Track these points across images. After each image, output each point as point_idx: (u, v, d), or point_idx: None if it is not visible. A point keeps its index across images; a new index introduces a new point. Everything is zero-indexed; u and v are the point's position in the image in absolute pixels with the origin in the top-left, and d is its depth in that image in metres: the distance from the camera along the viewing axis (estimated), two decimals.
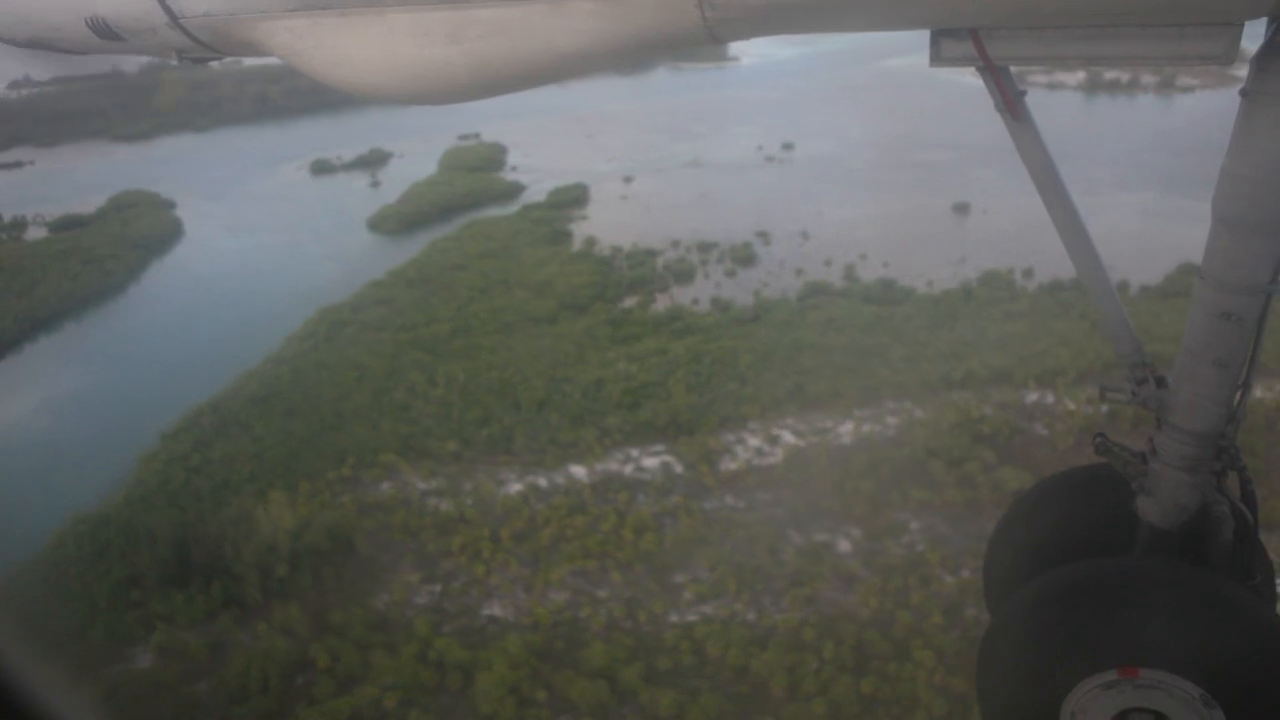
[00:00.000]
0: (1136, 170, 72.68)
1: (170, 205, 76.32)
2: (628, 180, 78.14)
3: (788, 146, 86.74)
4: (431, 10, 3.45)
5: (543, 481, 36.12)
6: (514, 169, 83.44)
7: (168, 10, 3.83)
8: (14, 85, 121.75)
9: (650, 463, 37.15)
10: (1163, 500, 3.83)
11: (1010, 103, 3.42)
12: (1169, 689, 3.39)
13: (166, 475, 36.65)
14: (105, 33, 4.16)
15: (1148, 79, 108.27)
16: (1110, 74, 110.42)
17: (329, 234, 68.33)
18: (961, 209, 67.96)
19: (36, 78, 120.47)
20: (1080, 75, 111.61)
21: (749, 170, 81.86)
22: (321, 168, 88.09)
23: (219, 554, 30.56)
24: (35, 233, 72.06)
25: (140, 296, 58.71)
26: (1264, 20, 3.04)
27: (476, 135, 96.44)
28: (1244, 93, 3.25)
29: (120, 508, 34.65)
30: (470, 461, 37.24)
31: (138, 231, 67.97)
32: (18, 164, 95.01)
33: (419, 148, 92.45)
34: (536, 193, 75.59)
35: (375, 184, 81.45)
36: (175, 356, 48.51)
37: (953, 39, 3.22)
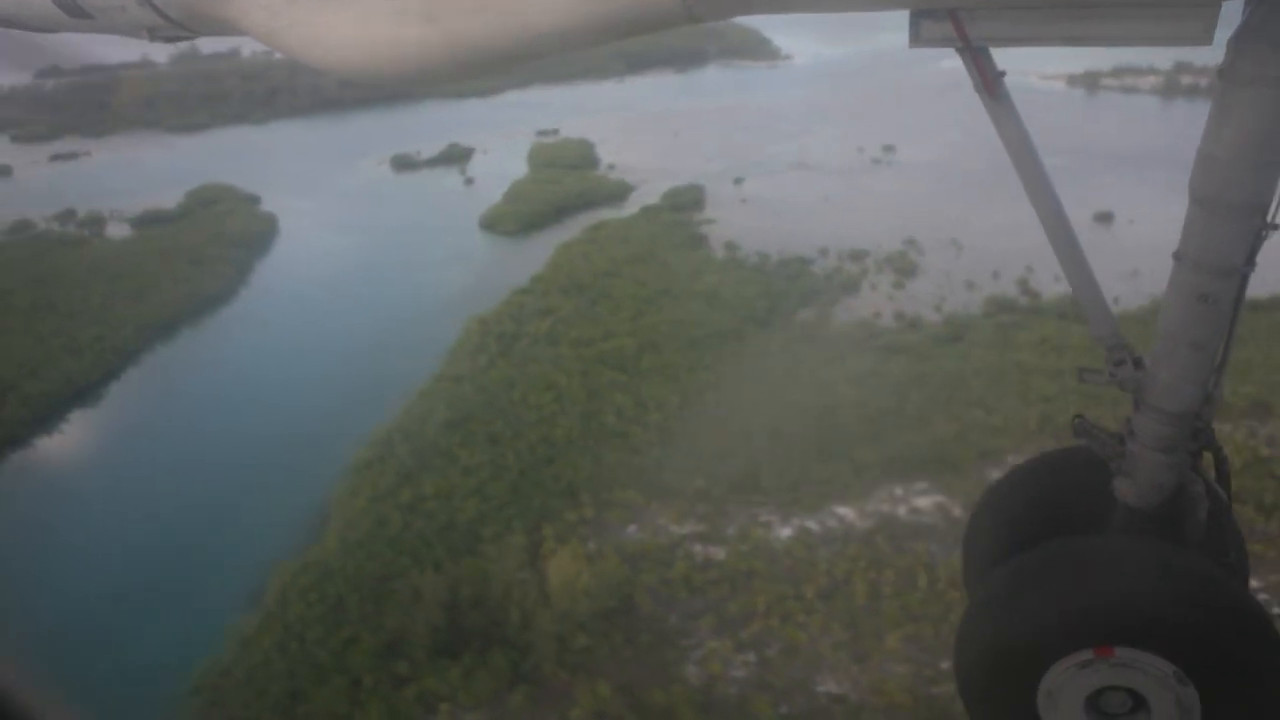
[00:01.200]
0: None
1: (254, 200, 70.97)
2: (738, 182, 73.47)
3: (888, 149, 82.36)
4: None
5: (812, 525, 31.55)
6: (611, 168, 78.53)
7: None
8: (41, 74, 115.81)
9: (922, 503, 32.69)
10: (1139, 481, 3.86)
11: (989, 83, 3.36)
12: (1143, 667, 3.38)
13: (378, 515, 31.71)
14: (74, 10, 4.05)
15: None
16: (1188, 78, 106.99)
17: (440, 234, 63.26)
18: (1104, 218, 63.82)
19: (65, 66, 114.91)
20: (1155, 79, 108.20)
21: (858, 174, 77.47)
22: (403, 163, 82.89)
23: (496, 618, 25.77)
24: (116, 229, 66.51)
25: (256, 299, 53.42)
26: (1240, 1, 3.05)
27: (555, 131, 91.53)
28: (1220, 74, 3.23)
29: (339, 555, 29.76)
30: (719, 500, 32.56)
31: (233, 229, 62.61)
32: (73, 155, 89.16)
33: (495, 143, 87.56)
34: (646, 194, 70.81)
35: (469, 181, 76.41)
36: (318, 369, 43.51)
37: (932, 20, 3.20)
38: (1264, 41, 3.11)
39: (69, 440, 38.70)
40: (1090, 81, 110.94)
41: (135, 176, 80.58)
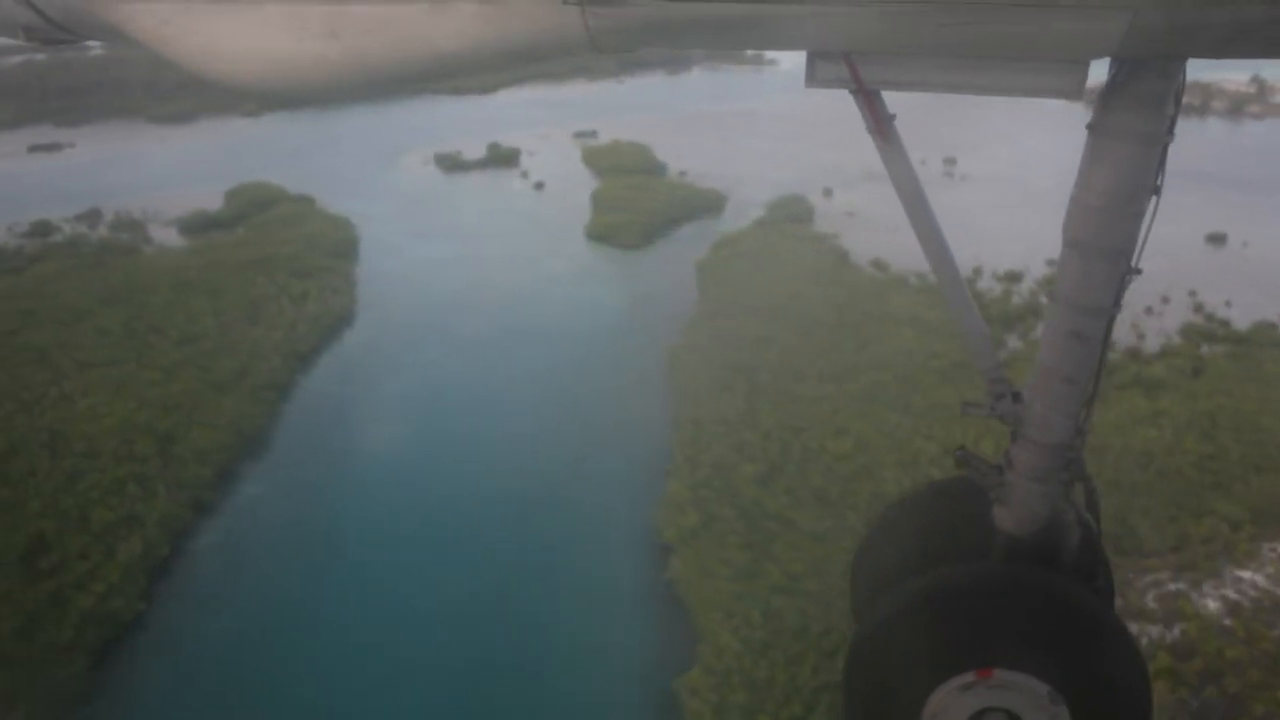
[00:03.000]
0: None
1: (308, 201, 62.41)
2: (828, 193, 69.20)
3: (950, 161, 79.68)
4: (309, 3, 3.24)
5: (1229, 593, 27.51)
6: (683, 174, 73.01)
7: None
8: None
9: None
10: (1017, 509, 3.97)
11: (880, 125, 3.53)
12: (1020, 688, 3.50)
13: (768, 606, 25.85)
14: None
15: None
16: (1216, 101, 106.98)
17: (546, 244, 56.59)
18: (1217, 240, 62.60)
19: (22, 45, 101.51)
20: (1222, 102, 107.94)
21: (934, 187, 71.95)
22: (450, 163, 75.11)
23: None
24: (160, 234, 57.00)
25: (382, 319, 45.74)
26: (1107, 60, 3.18)
27: (594, 133, 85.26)
28: (1090, 127, 3.46)
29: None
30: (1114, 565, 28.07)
31: (316, 235, 54.24)
32: (55, 146, 77.55)
33: (527, 143, 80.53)
34: (741, 204, 65.73)
35: (539, 185, 69.51)
36: (526, 410, 36.93)
37: (827, 61, 3.31)
38: (1128, 99, 3.31)
39: (283, 508, 30.99)
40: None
41: (137, 172, 70.40)
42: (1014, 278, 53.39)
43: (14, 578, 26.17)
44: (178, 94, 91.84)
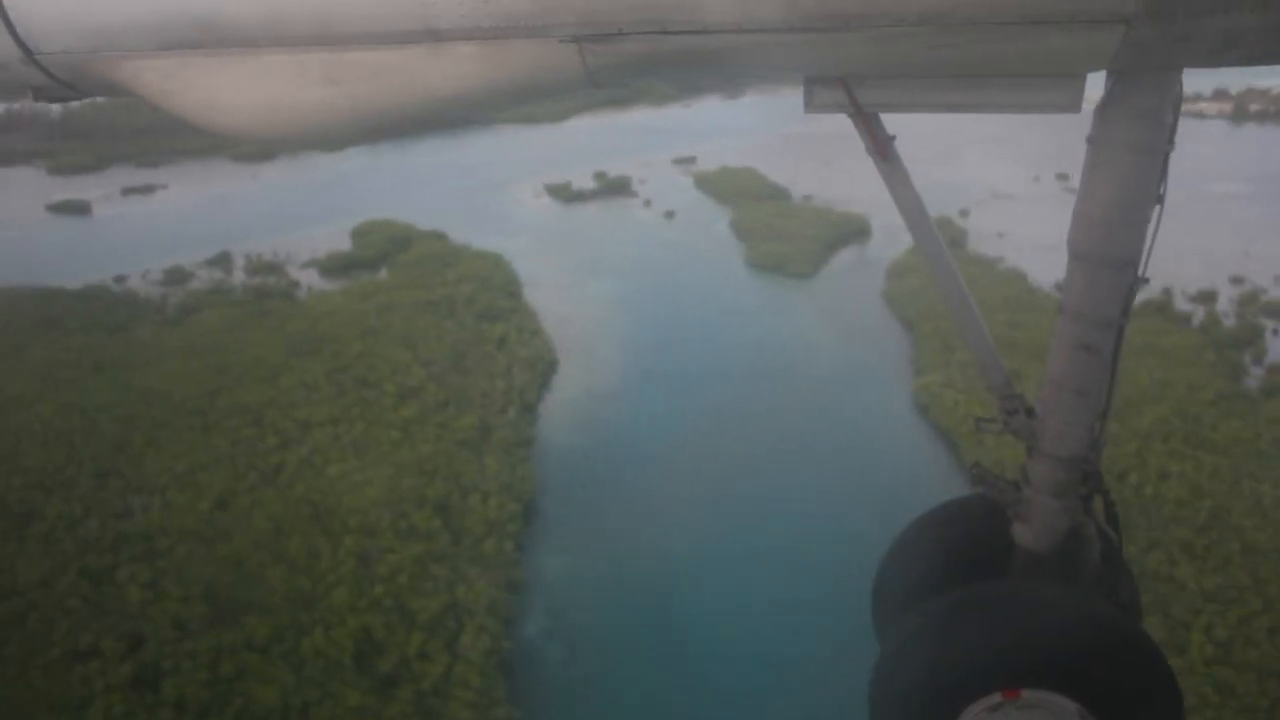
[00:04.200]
0: None
1: (440, 236, 59.02)
2: (964, 214, 66.36)
3: (1063, 177, 77.08)
4: (307, 52, 3.24)
5: None
6: (808, 199, 70.11)
7: (22, 46, 3.40)
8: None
9: None
10: (1035, 525, 3.94)
11: (880, 147, 3.56)
12: (1049, 706, 3.45)
13: None
14: None
15: None
16: (1255, 105, 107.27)
17: (715, 276, 53.44)
18: None
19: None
20: (1227, 105, 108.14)
21: (1058, 205, 71.57)
22: (563, 194, 71.97)
23: None
24: (301, 275, 53.46)
25: (586, 362, 42.30)
26: (1104, 74, 3.21)
27: (693, 159, 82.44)
28: (1090, 140, 3.47)
29: None
30: None
31: (477, 274, 50.84)
32: (149, 188, 74.01)
33: (627, 170, 77.41)
34: (885, 228, 62.78)
35: (669, 215, 66.42)
36: (789, 450, 33.65)
37: (824, 87, 3.33)
38: (1126, 111, 3.32)
39: (593, 583, 27.42)
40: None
41: (243, 213, 66.99)
42: (1208, 298, 50.65)
43: (360, 685, 22.55)
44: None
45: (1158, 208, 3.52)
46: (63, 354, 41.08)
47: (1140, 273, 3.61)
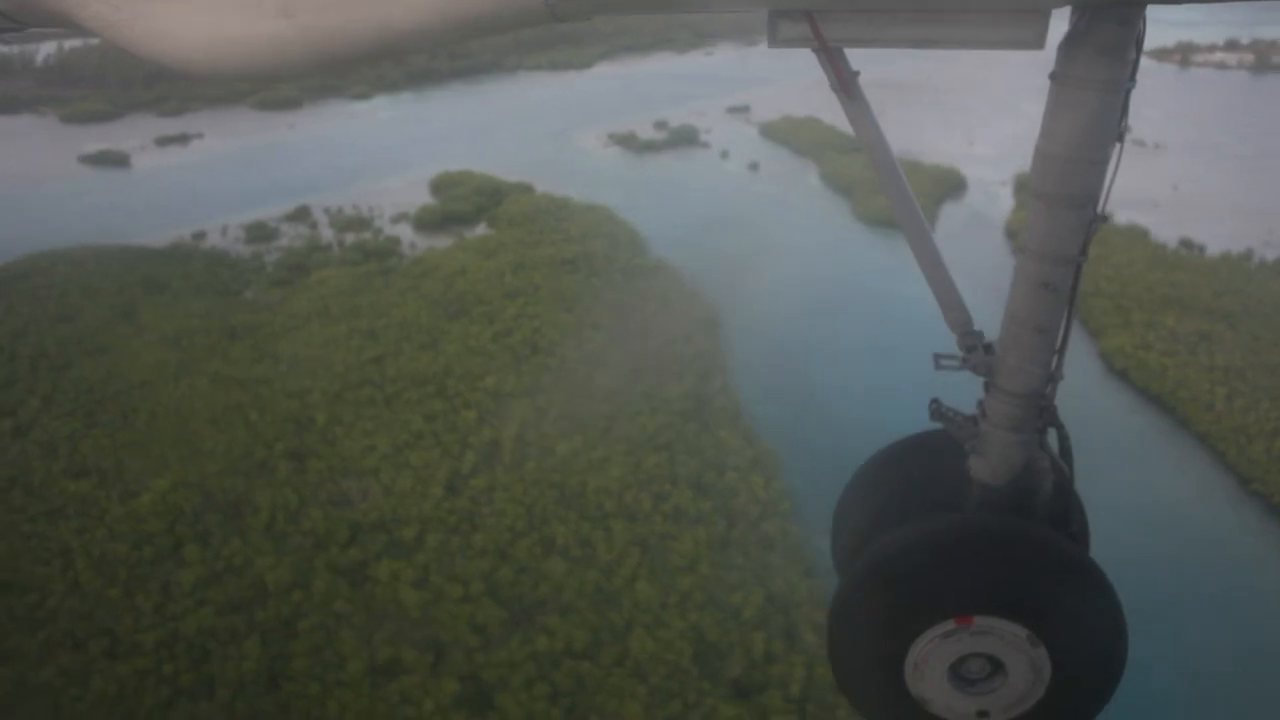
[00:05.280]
0: None
1: (527, 189, 55.25)
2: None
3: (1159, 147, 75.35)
4: None
5: None
6: None
7: None
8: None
9: None
10: (992, 459, 4.03)
11: (845, 83, 3.58)
12: (1000, 633, 3.57)
13: None
14: None
15: None
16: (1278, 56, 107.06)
17: (830, 232, 50.90)
18: None
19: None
20: (1249, 55, 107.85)
21: (1141, 160, 70.11)
22: (630, 143, 68.30)
23: None
24: (393, 231, 49.36)
25: (747, 324, 39.50)
26: (1069, 9, 3.25)
27: (746, 108, 79.15)
28: (1052, 76, 3.46)
29: None
30: None
31: (596, 229, 47.49)
32: (184, 137, 68.41)
33: (692, 121, 73.84)
34: (979, 182, 60.73)
35: (753, 166, 63.39)
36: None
37: (789, 20, 3.35)
38: (1089, 47, 3.29)
39: None
40: (1163, 56, 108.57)
41: (294, 163, 62.24)
42: None
43: (715, 693, 20.00)
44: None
45: (1119, 145, 3.54)
46: (184, 319, 37.00)
47: (1100, 210, 3.62)
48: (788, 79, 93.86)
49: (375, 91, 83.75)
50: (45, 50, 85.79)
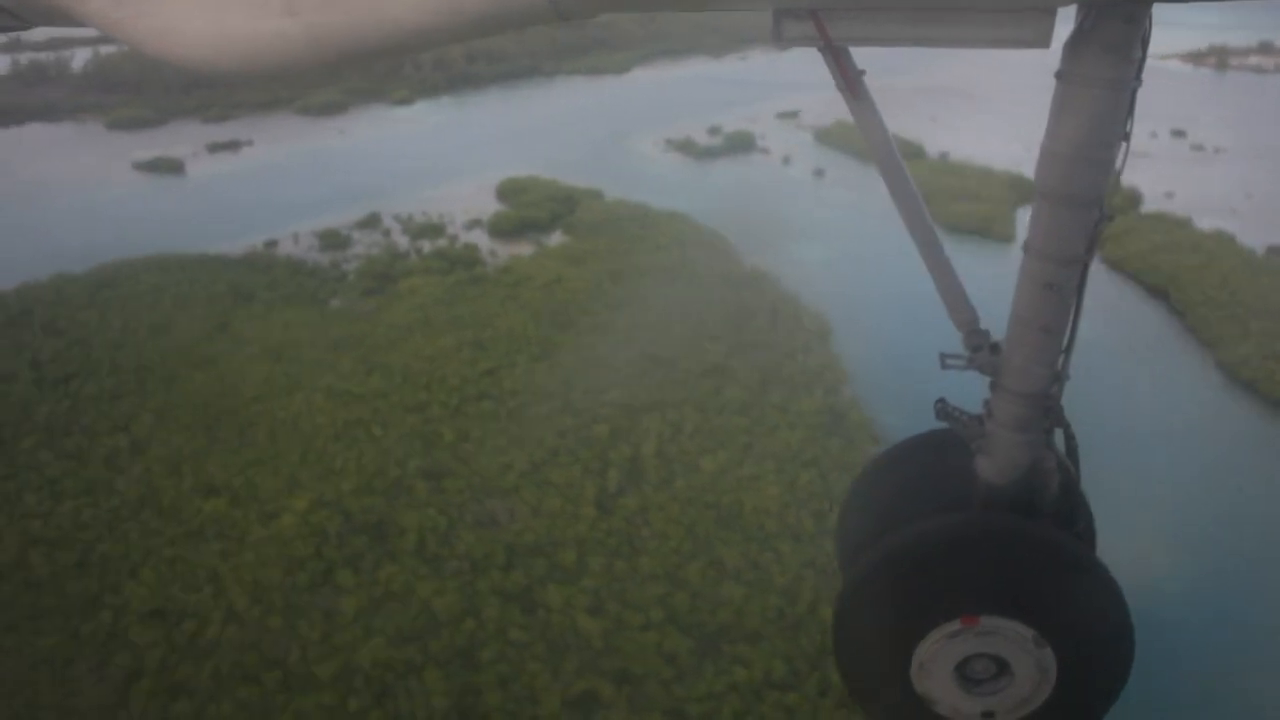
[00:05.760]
0: None
1: (595, 194, 54.20)
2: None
3: (1179, 134, 74.26)
4: None
5: None
6: (945, 156, 66.62)
7: None
8: (4, 48, 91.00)
9: None
10: (998, 459, 4.12)
11: (850, 82, 3.67)
12: (1005, 633, 3.64)
13: None
14: None
15: None
16: None
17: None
18: None
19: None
20: None
21: (1195, 164, 69.23)
22: (687, 149, 67.34)
23: None
24: (467, 237, 48.31)
25: (862, 331, 38.46)
26: (1074, 8, 3.26)
27: (796, 113, 78.32)
28: (1058, 75, 3.54)
29: None
30: None
31: (686, 236, 46.50)
32: (234, 143, 67.32)
33: (744, 126, 72.92)
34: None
35: (818, 173, 62.42)
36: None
37: (794, 19, 3.41)
38: (1095, 45, 3.39)
39: None
40: (1199, 59, 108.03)
41: (351, 169, 61.26)
42: None
43: None
44: (311, 82, 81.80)
45: (1124, 145, 3.55)
46: (280, 330, 35.91)
47: (1105, 209, 3.56)
48: (828, 84, 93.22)
49: (417, 96, 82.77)
50: (82, 56, 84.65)
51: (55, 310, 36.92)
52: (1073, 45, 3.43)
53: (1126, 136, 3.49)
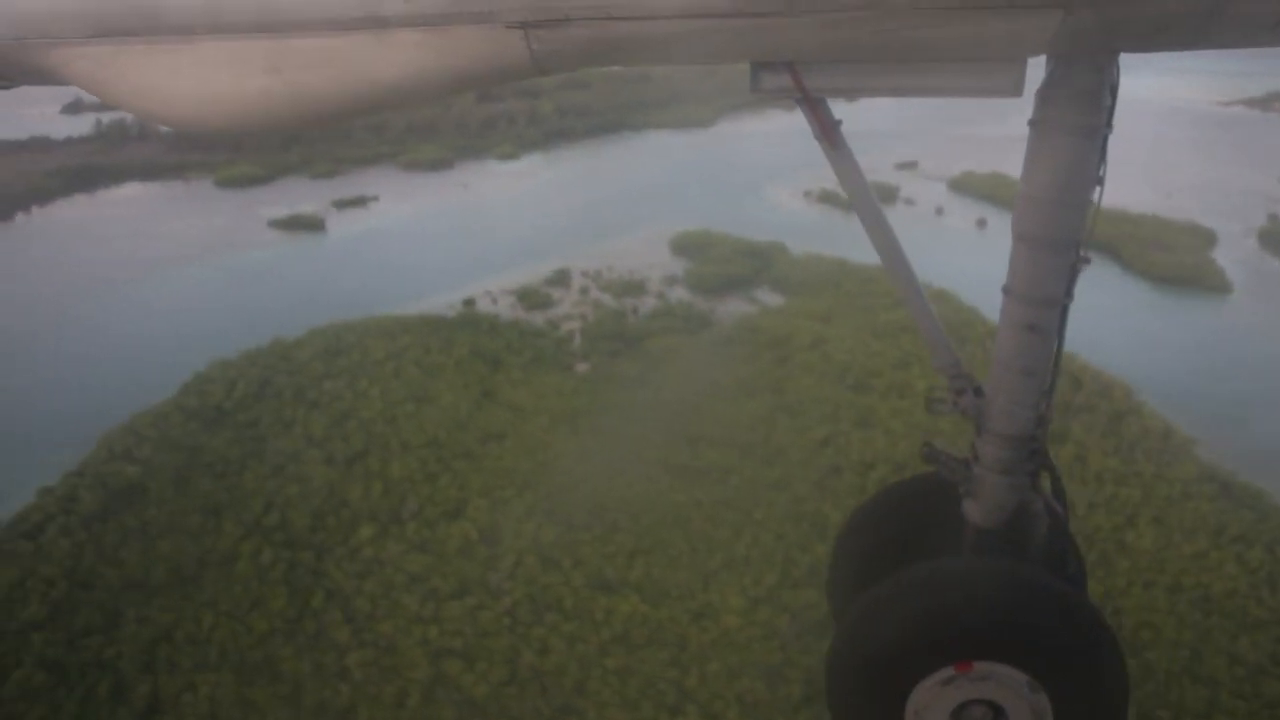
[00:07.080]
0: None
1: (779, 246, 51.71)
2: (1273, 219, 62.25)
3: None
4: (249, 39, 3.11)
5: None
6: None
7: None
8: (68, 109, 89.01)
9: None
10: (985, 502, 3.91)
11: (828, 132, 3.52)
12: (999, 678, 3.44)
13: None
14: None
15: None
16: None
17: (1120, 293, 47.74)
18: None
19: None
20: None
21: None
22: (835, 200, 65.26)
23: None
24: (674, 293, 45.48)
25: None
26: (1044, 58, 3.19)
27: (914, 164, 76.91)
28: (1031, 123, 3.47)
29: None
30: None
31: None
32: (360, 200, 64.50)
33: (872, 179, 71.05)
34: (1228, 236, 58.00)
35: (981, 223, 60.55)
36: None
37: (771, 71, 3.25)
38: (1065, 93, 3.32)
39: None
40: (1266, 105, 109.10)
41: (492, 226, 58.59)
42: None
43: None
44: (407, 138, 79.70)
45: (1098, 189, 3.44)
46: (562, 399, 32.74)
47: (1082, 252, 3.51)
48: (917, 135, 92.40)
49: (520, 151, 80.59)
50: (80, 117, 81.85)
51: (296, 379, 33.48)
52: (1044, 94, 3.34)
53: (1100, 180, 3.35)
